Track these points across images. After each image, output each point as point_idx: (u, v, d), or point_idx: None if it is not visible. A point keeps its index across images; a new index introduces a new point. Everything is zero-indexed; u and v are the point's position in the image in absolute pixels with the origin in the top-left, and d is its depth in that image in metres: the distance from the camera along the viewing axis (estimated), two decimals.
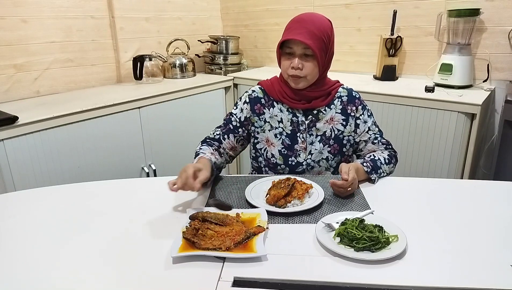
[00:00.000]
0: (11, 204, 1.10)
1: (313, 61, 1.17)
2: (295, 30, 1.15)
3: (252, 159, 1.36)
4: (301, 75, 1.18)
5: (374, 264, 0.79)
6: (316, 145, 1.26)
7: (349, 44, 2.42)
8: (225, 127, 1.31)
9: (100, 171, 1.85)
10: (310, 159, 1.26)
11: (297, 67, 1.17)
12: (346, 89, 1.30)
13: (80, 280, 0.76)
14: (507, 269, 0.76)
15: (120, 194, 1.15)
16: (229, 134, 1.30)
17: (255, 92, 1.31)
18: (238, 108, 1.31)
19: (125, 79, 2.37)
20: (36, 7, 1.92)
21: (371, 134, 1.28)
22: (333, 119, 1.27)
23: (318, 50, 1.15)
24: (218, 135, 1.31)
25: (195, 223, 0.90)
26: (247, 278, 0.75)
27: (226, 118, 1.33)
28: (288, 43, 1.17)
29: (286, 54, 1.19)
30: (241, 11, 2.85)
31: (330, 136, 1.27)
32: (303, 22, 1.16)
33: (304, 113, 1.27)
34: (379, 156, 1.23)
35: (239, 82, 2.50)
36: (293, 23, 1.18)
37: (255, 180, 1.15)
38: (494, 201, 1.06)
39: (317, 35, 1.15)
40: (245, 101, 1.30)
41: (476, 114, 1.68)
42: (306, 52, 1.16)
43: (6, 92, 1.89)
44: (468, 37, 1.93)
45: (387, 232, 0.87)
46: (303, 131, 1.26)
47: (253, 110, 1.29)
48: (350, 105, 1.28)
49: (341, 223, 0.90)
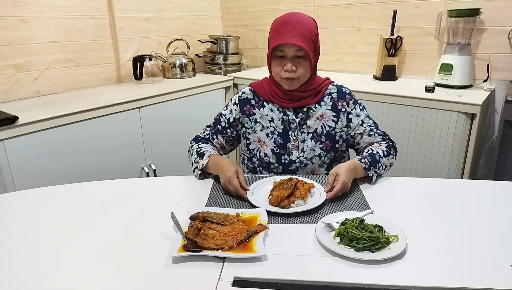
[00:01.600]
0: (11, 204, 1.10)
1: (305, 62, 1.18)
2: (287, 34, 1.15)
3: (247, 160, 1.36)
4: (294, 77, 1.19)
5: (374, 264, 0.78)
6: (308, 143, 1.27)
7: (349, 44, 2.42)
8: (214, 127, 1.34)
9: (100, 171, 1.85)
10: (303, 156, 1.27)
11: (291, 70, 1.18)
12: (336, 86, 1.31)
13: (80, 279, 0.76)
14: (507, 269, 0.76)
15: (120, 194, 1.15)
16: (217, 134, 1.34)
17: (244, 93, 1.33)
18: (228, 109, 1.34)
19: (125, 79, 2.37)
20: (36, 7, 1.92)
21: (365, 126, 1.28)
22: (323, 116, 1.28)
23: (310, 51, 1.17)
24: (208, 135, 1.34)
25: (197, 223, 0.90)
26: (247, 278, 0.75)
27: (216, 118, 1.36)
28: (279, 47, 1.17)
29: (277, 57, 1.19)
30: (241, 11, 2.85)
31: (322, 133, 1.27)
32: (292, 24, 1.16)
33: (295, 112, 1.28)
34: (377, 149, 1.22)
35: (239, 82, 2.50)
36: (282, 25, 1.18)
37: (256, 181, 1.15)
38: (494, 201, 1.06)
39: (307, 36, 1.16)
40: (235, 102, 1.32)
41: (476, 114, 1.68)
42: (298, 54, 1.17)
43: (6, 92, 1.89)
44: (468, 37, 1.93)
45: (387, 232, 0.87)
46: (294, 129, 1.27)
47: (243, 111, 1.31)
48: (340, 101, 1.29)
49: (341, 223, 0.90)
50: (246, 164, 1.38)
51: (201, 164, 1.20)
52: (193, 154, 1.26)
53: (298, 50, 1.16)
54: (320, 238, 0.86)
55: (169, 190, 1.16)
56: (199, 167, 1.20)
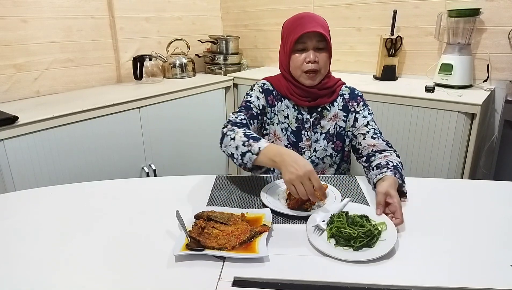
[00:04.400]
0: (11, 204, 1.10)
1: (325, 54, 1.20)
2: (308, 24, 1.16)
3: None
4: (317, 69, 1.19)
5: (375, 262, 0.78)
6: (320, 143, 1.27)
7: (349, 44, 2.42)
8: (247, 112, 1.21)
9: (100, 171, 1.85)
10: (315, 156, 1.27)
11: (314, 60, 1.18)
12: (348, 88, 1.32)
13: (80, 279, 0.76)
14: (507, 269, 0.76)
15: (120, 194, 1.15)
16: (252, 119, 1.22)
17: (265, 84, 1.30)
18: (254, 96, 1.26)
19: (125, 79, 2.37)
20: (36, 7, 1.92)
21: (370, 128, 1.26)
22: (336, 116, 1.29)
23: (330, 41, 1.19)
24: (245, 119, 1.18)
25: (201, 222, 0.90)
26: (247, 278, 0.75)
27: (244, 105, 1.24)
28: (300, 38, 1.17)
29: (298, 51, 1.20)
30: (241, 11, 2.85)
31: (334, 133, 1.28)
32: (310, 17, 1.19)
33: (309, 111, 1.28)
34: (394, 160, 1.12)
35: (239, 82, 2.50)
36: (300, 19, 1.19)
37: (267, 185, 1.12)
38: (494, 201, 1.06)
39: (326, 28, 1.20)
40: (259, 90, 1.28)
41: (476, 114, 1.68)
42: (319, 46, 1.18)
43: (6, 92, 1.89)
44: (468, 37, 1.93)
45: (372, 220, 0.89)
46: (307, 129, 1.27)
47: (267, 101, 1.28)
48: (351, 101, 1.29)
49: (329, 221, 0.89)
50: None
51: (256, 148, 0.98)
52: (240, 137, 1.04)
53: (319, 40, 1.18)
54: (315, 243, 0.83)
55: (169, 190, 1.16)
56: (254, 151, 0.98)
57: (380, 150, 1.20)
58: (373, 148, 1.21)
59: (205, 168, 2.43)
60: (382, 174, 1.05)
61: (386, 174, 1.04)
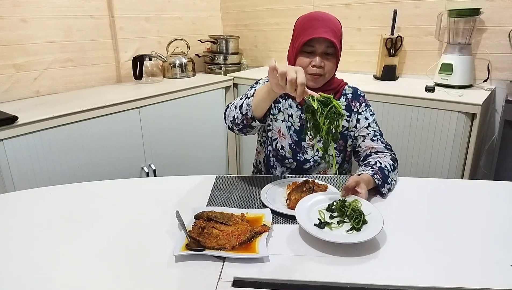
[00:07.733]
0: (11, 204, 1.10)
1: (332, 59, 1.19)
2: (320, 29, 1.14)
3: (260, 146, 1.34)
4: (321, 73, 1.18)
5: (373, 262, 0.78)
6: None
7: (349, 44, 2.42)
8: None
9: (100, 171, 1.85)
10: (317, 156, 1.28)
11: (319, 65, 1.16)
12: (351, 88, 1.32)
13: (81, 279, 0.76)
14: (507, 269, 0.76)
15: (120, 194, 1.15)
16: None
17: None
18: (260, 85, 1.24)
19: (125, 79, 2.37)
20: (36, 7, 1.92)
21: (370, 130, 1.26)
22: None
23: (339, 48, 1.18)
24: None
25: (201, 222, 0.90)
26: (247, 278, 0.75)
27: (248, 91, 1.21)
28: (310, 42, 1.16)
29: (305, 53, 1.18)
30: (241, 11, 2.85)
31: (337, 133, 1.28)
32: (324, 20, 1.16)
33: None
34: (385, 162, 1.15)
35: (239, 82, 2.50)
36: (313, 20, 1.16)
37: (267, 185, 1.12)
38: (494, 201, 1.06)
39: (338, 34, 1.17)
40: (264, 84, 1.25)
41: (476, 114, 1.68)
42: (327, 51, 1.17)
43: (6, 92, 1.89)
44: (469, 37, 1.93)
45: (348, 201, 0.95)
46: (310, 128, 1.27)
47: None
48: (354, 101, 1.29)
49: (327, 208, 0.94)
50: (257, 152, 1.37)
51: (251, 93, 1.09)
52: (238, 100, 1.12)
53: (328, 46, 1.16)
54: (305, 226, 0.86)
55: (169, 190, 1.16)
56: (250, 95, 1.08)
57: (376, 152, 1.22)
58: (371, 150, 1.23)
59: (205, 168, 2.43)
60: (361, 172, 1.10)
61: (365, 172, 1.08)
